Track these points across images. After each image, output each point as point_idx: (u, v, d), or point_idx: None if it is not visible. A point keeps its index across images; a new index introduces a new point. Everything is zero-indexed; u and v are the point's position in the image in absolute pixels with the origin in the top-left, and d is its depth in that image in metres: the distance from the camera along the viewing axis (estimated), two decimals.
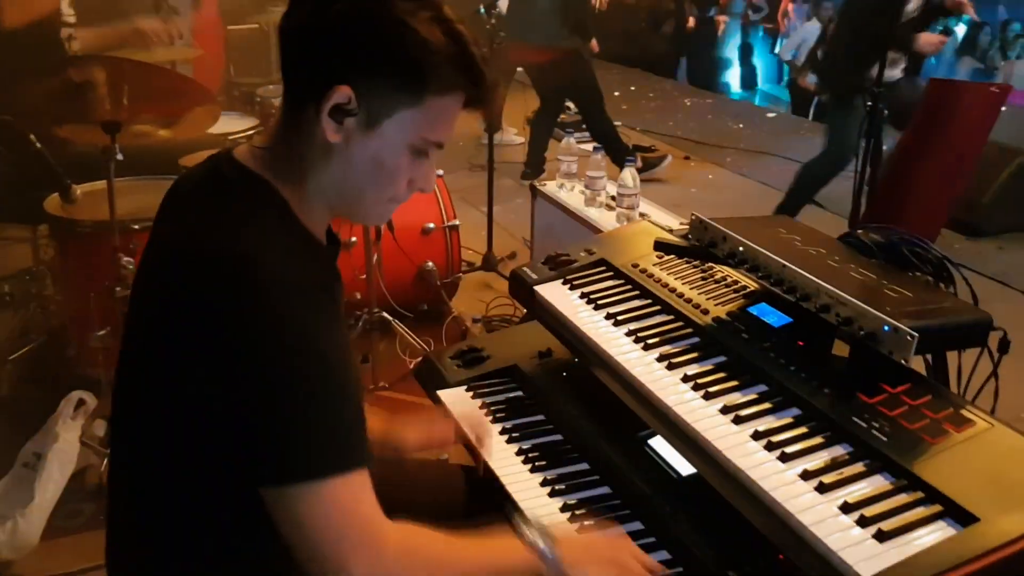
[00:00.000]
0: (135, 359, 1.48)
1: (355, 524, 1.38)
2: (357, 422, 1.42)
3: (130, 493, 1.52)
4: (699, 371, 1.85)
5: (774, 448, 1.61)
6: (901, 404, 1.62)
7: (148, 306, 1.46)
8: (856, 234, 2.01)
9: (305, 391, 1.32)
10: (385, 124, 1.40)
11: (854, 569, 1.35)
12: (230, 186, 1.43)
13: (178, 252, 1.40)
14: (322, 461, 1.34)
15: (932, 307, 1.71)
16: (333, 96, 1.36)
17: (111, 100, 2.88)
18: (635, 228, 2.55)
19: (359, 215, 1.54)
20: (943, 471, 1.48)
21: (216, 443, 1.36)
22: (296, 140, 1.43)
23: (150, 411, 1.44)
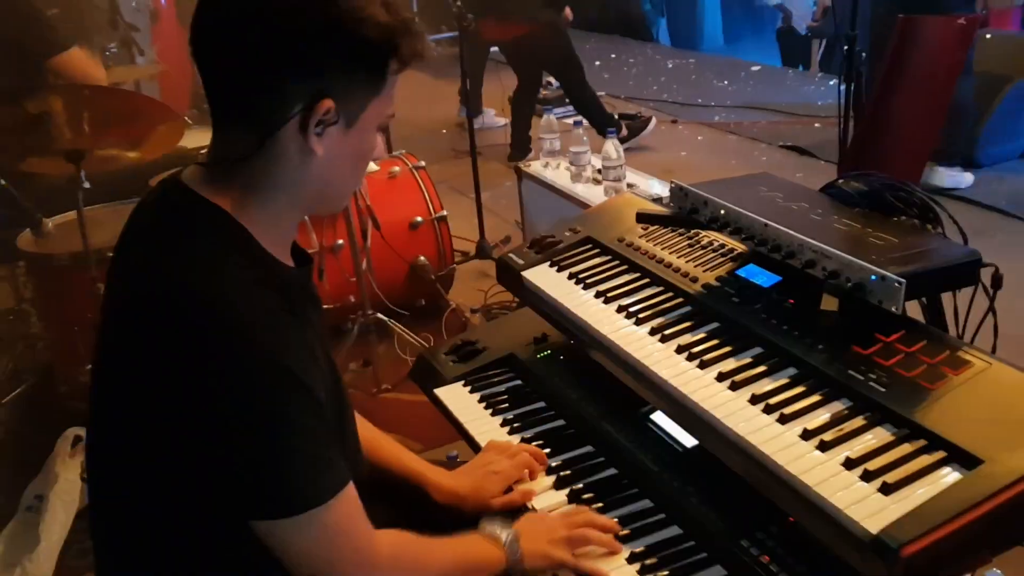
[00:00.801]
0: (108, 397, 1.48)
1: (349, 543, 1.44)
2: (338, 441, 1.45)
3: (113, 529, 1.54)
4: (692, 340, 1.87)
5: (772, 410, 1.62)
6: (896, 352, 1.64)
7: (113, 348, 1.45)
8: (838, 184, 2.02)
9: (285, 422, 1.35)
10: (361, 118, 1.44)
11: (861, 525, 1.37)
12: (184, 219, 1.43)
13: (138, 295, 1.40)
14: (312, 490, 1.37)
15: (918, 251, 1.72)
16: (316, 115, 1.38)
17: (71, 128, 2.90)
18: (619, 202, 2.57)
19: (334, 206, 1.60)
20: (944, 416, 1.50)
21: (199, 484, 1.37)
22: (263, 163, 1.42)
23: (126, 450, 1.44)
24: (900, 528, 1.34)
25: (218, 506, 1.38)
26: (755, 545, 1.65)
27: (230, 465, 1.34)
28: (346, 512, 1.43)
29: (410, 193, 4.38)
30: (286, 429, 1.35)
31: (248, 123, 1.41)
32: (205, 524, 1.42)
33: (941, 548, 1.32)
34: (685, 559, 1.68)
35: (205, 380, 1.31)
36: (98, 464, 1.54)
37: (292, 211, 1.50)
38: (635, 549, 1.71)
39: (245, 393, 1.32)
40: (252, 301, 1.35)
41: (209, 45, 1.41)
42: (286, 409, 1.35)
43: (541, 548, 1.70)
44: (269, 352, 1.33)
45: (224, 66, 1.40)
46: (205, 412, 1.32)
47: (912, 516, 1.36)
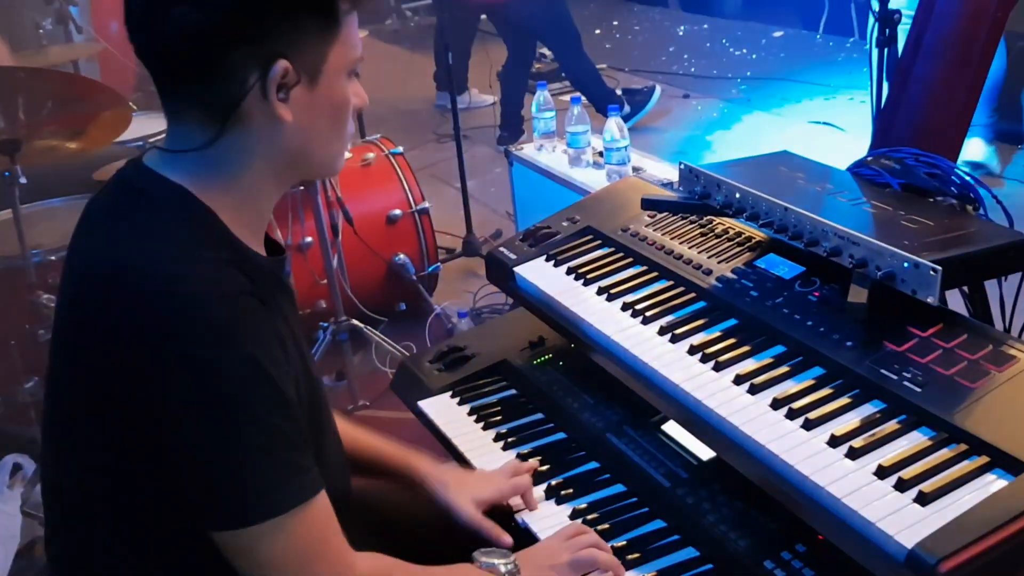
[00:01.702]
0: (60, 403, 1.53)
1: (320, 561, 1.46)
2: (307, 443, 1.47)
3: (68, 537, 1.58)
4: (706, 340, 1.91)
5: (796, 415, 1.67)
6: (934, 348, 1.68)
7: (68, 340, 1.50)
8: (867, 163, 2.06)
9: (245, 417, 1.37)
10: (324, 71, 1.47)
11: (895, 539, 1.41)
12: (144, 200, 1.48)
13: (93, 278, 1.45)
14: (276, 496, 1.40)
15: (957, 235, 1.76)
16: (275, 79, 1.42)
17: (4, 116, 2.94)
18: (622, 187, 2.61)
19: (326, 169, 1.63)
20: (987, 417, 1.54)
21: (154, 487, 1.42)
22: (228, 144, 1.46)
23: (77, 459, 1.49)
24: (938, 541, 1.38)
25: (174, 513, 1.42)
26: (780, 567, 1.69)
27: (182, 466, 1.38)
28: (316, 525, 1.45)
29: (387, 183, 4.41)
30: (246, 425, 1.37)
31: (203, 109, 1.45)
32: (164, 533, 1.46)
33: (983, 562, 1.36)
34: None
35: (156, 366, 1.35)
36: (52, 473, 1.59)
37: (268, 188, 1.54)
38: (647, 575, 1.75)
39: (200, 382, 1.35)
40: (212, 280, 1.39)
41: (141, 31, 1.45)
42: (247, 402, 1.37)
43: (545, 569, 1.72)
44: (229, 337, 1.36)
45: (161, 53, 1.45)
46: (155, 404, 1.36)
47: (951, 528, 1.40)
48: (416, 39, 8.30)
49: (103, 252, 1.46)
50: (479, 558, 1.73)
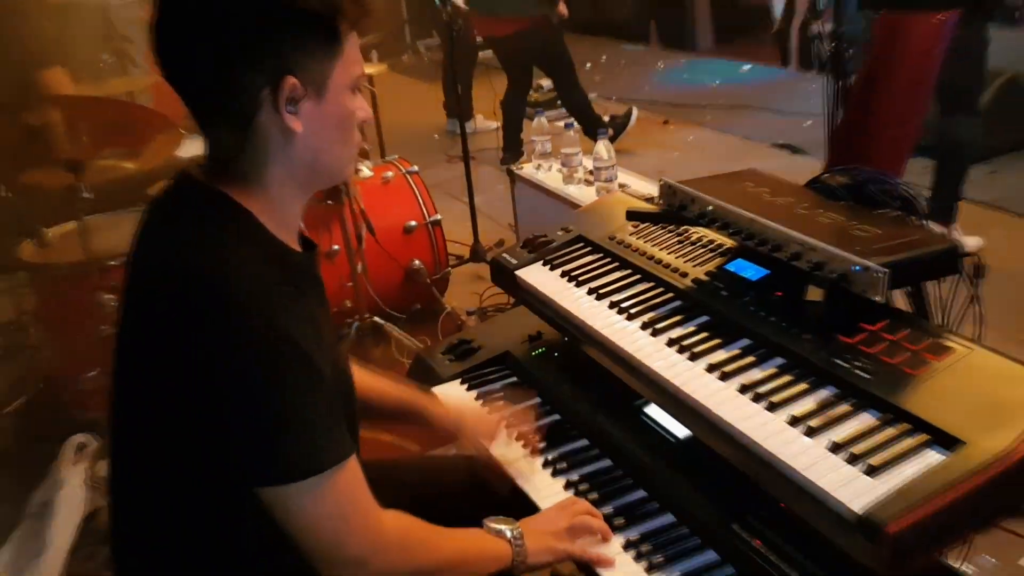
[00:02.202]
0: (126, 380, 1.55)
1: (354, 511, 1.49)
2: (340, 414, 1.50)
3: (130, 502, 1.60)
4: (683, 333, 1.92)
5: (761, 399, 1.67)
6: (881, 341, 1.68)
7: (130, 326, 1.53)
8: (822, 179, 2.07)
9: (289, 388, 1.39)
10: (329, 85, 1.48)
11: (847, 505, 1.42)
12: (191, 205, 1.51)
13: (149, 274, 1.49)
14: (318, 455, 1.42)
15: (901, 242, 1.77)
16: (283, 94, 1.44)
17: (71, 139, 2.95)
18: (609, 200, 2.62)
19: (337, 175, 1.63)
20: (927, 401, 1.55)
21: (205, 453, 1.43)
22: (249, 151, 1.49)
23: (141, 428, 1.52)
24: (885, 507, 1.39)
25: (223, 474, 1.43)
26: (746, 529, 1.69)
27: (230, 430, 1.40)
28: (350, 484, 1.48)
29: (404, 197, 4.43)
30: (285, 394, 1.39)
31: (225, 121, 1.48)
32: (214, 494, 1.47)
33: (925, 525, 1.36)
34: (679, 545, 1.74)
35: (207, 347, 1.37)
36: (118, 443, 1.60)
37: (292, 192, 1.55)
38: (631, 537, 1.76)
39: (245, 358, 1.37)
40: (254, 274, 1.42)
41: (168, 60, 1.47)
42: (285, 374, 1.39)
43: (545, 542, 1.73)
44: (269, 320, 1.38)
45: (184, 76, 1.47)
46: (206, 378, 1.38)
47: (897, 496, 1.40)
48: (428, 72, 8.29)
49: (163, 251, 1.48)
50: (488, 525, 1.74)
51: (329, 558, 1.49)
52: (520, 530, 1.73)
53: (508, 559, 1.69)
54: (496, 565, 1.69)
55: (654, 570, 1.68)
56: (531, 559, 1.72)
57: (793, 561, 1.60)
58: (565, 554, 1.74)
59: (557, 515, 1.79)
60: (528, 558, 1.71)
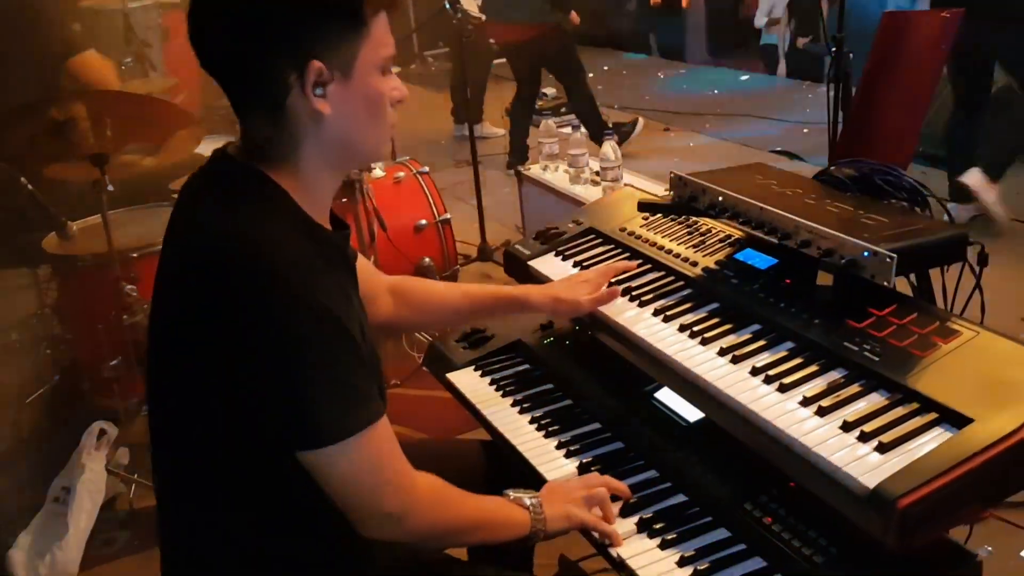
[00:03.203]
0: (164, 355, 1.56)
1: (388, 469, 1.51)
2: (373, 376, 1.51)
3: (173, 477, 1.60)
4: (694, 319, 1.91)
5: (772, 381, 1.67)
6: (889, 324, 1.68)
7: (168, 299, 1.54)
8: (830, 171, 2.06)
9: (324, 353, 1.40)
10: (355, 67, 1.47)
11: (859, 481, 1.41)
12: (229, 180, 1.51)
13: (184, 247, 1.50)
14: (353, 417, 1.43)
15: (908, 229, 1.76)
16: (310, 78, 1.43)
17: (95, 133, 2.94)
18: (619, 195, 2.61)
19: (370, 155, 1.63)
20: (935, 381, 1.54)
21: (247, 418, 1.43)
22: (281, 132, 1.49)
23: (181, 400, 1.52)
24: (896, 482, 1.38)
25: (262, 441, 1.44)
26: (758, 508, 1.69)
27: (266, 396, 1.41)
28: (383, 443, 1.49)
29: (415, 197, 4.42)
30: (318, 358, 1.40)
31: (257, 106, 1.49)
32: (256, 462, 1.48)
33: (935, 500, 1.36)
34: (691, 523, 1.72)
35: (241, 314, 1.38)
36: (158, 418, 1.61)
37: (325, 172, 1.55)
38: (644, 515, 1.75)
39: (277, 324, 1.38)
40: (287, 244, 1.42)
41: (199, 47, 1.47)
42: (318, 339, 1.40)
43: (563, 509, 1.73)
44: (303, 289, 1.39)
45: (215, 62, 1.48)
46: (242, 345, 1.39)
47: (907, 471, 1.40)
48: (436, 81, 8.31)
49: (198, 224, 1.49)
50: (509, 494, 1.75)
51: (367, 515, 1.52)
52: (539, 499, 1.73)
53: (527, 526, 1.70)
54: (517, 531, 1.70)
55: (668, 546, 1.67)
56: (549, 526, 1.72)
57: (804, 537, 1.60)
58: (580, 522, 1.73)
59: (576, 484, 1.79)
60: (547, 525, 1.72)
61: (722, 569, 1.61)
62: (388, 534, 1.56)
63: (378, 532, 1.55)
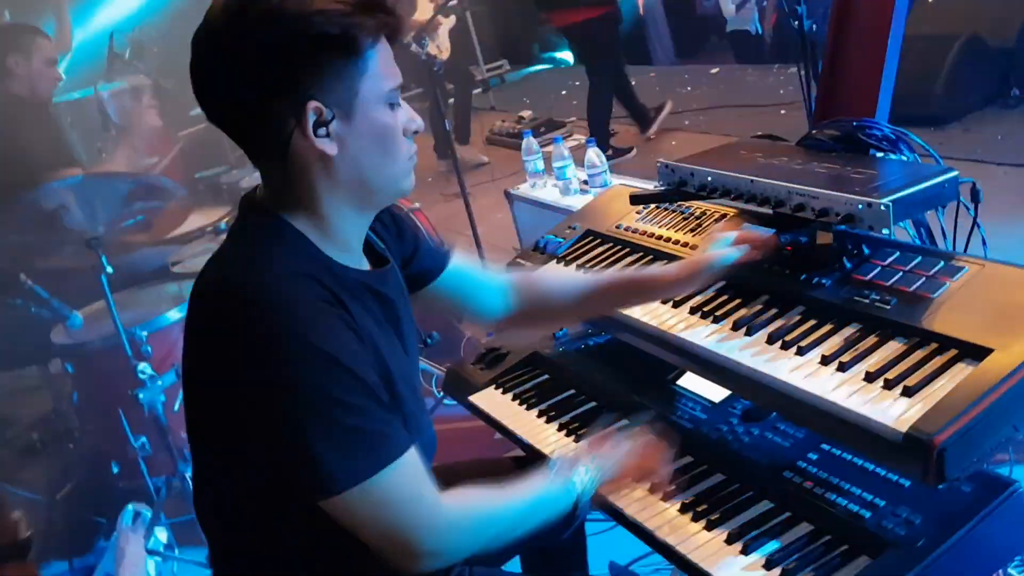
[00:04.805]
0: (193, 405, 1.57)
1: (414, 507, 1.46)
2: (392, 412, 1.46)
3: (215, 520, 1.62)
4: (703, 300, 1.93)
5: (789, 346, 1.68)
6: (894, 272, 1.69)
7: (188, 352, 1.54)
8: (812, 135, 2.08)
9: (320, 399, 1.37)
10: (358, 104, 1.45)
11: (892, 428, 1.42)
12: (249, 228, 1.54)
13: (200, 297, 1.51)
14: (363, 461, 1.39)
15: (899, 177, 1.78)
16: (309, 119, 1.42)
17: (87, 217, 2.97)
18: (611, 193, 2.63)
19: (394, 190, 1.57)
20: (949, 318, 1.56)
21: (269, 468, 1.43)
22: (294, 177, 1.48)
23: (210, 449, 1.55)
24: (927, 423, 1.39)
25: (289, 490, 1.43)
26: (798, 474, 1.70)
27: (274, 447, 1.40)
28: (405, 479, 1.43)
29: None
30: (316, 405, 1.37)
31: (266, 152, 1.49)
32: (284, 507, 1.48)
33: (968, 433, 1.37)
34: (733, 500, 1.73)
35: (243, 364, 1.39)
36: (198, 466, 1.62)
37: (348, 212, 1.52)
38: (685, 500, 1.76)
39: (272, 372, 1.36)
40: (287, 291, 1.41)
41: (206, 104, 1.48)
42: (313, 385, 1.37)
43: (610, 472, 1.73)
44: (303, 335, 1.37)
45: (221, 115, 1.48)
46: (246, 396, 1.39)
47: (936, 410, 1.41)
48: None
49: (212, 274, 1.51)
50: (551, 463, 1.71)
51: (403, 556, 1.47)
52: (585, 465, 1.70)
53: (572, 501, 1.66)
54: (562, 508, 1.66)
55: (714, 526, 1.67)
56: (593, 497, 1.70)
57: (848, 494, 1.61)
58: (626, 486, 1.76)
59: (625, 448, 1.77)
60: (593, 490, 1.69)
61: (771, 539, 1.61)
62: (429, 567, 1.50)
63: (414, 569, 1.49)
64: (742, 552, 1.60)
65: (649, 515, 1.75)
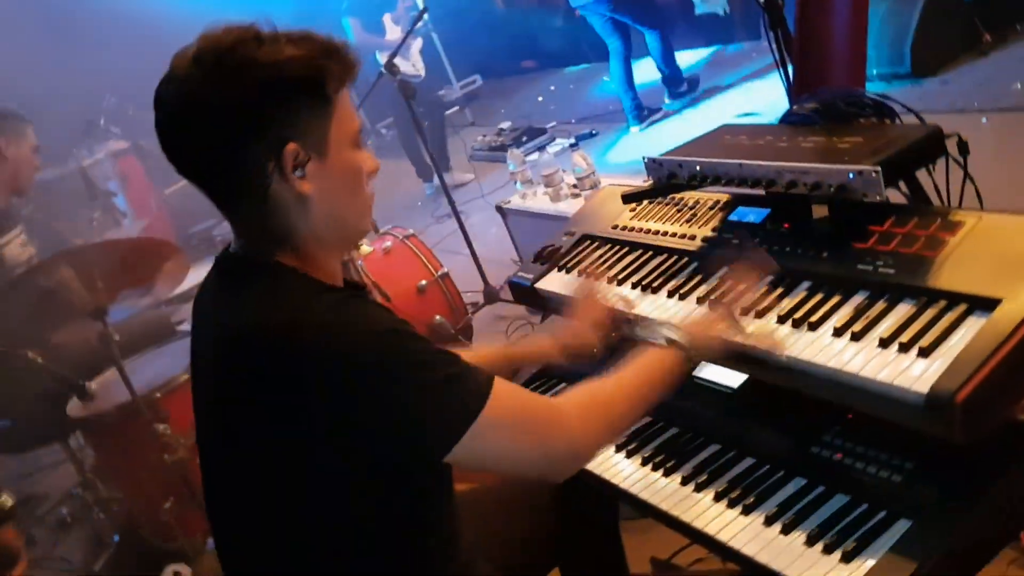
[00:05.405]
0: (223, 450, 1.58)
1: (531, 415, 1.55)
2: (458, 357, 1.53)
3: None
4: (708, 290, 1.94)
5: (800, 323, 1.68)
6: (894, 236, 1.69)
7: (220, 412, 1.55)
8: (794, 111, 2.09)
9: (408, 364, 1.44)
10: (329, 144, 1.51)
11: (912, 391, 1.43)
12: (244, 276, 1.55)
13: (235, 344, 1.49)
14: (469, 396, 1.46)
15: (885, 141, 1.79)
16: (288, 161, 1.47)
17: (87, 289, 2.98)
18: (602, 195, 2.64)
19: (357, 228, 1.65)
20: (954, 274, 1.56)
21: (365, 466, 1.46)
22: (275, 220, 1.52)
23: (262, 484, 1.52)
24: (947, 380, 1.40)
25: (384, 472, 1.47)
26: (825, 448, 1.71)
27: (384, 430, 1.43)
28: (511, 398, 1.53)
29: (408, 261, 4.44)
30: (408, 371, 1.43)
31: (242, 199, 1.52)
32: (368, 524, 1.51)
33: (990, 385, 1.37)
34: (765, 482, 1.74)
35: (316, 383, 1.40)
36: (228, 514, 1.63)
37: (325, 250, 1.58)
38: (718, 489, 1.76)
39: (353, 367, 1.41)
40: (315, 303, 1.46)
41: (173, 154, 1.51)
42: (395, 357, 1.43)
43: (709, 328, 1.77)
44: (349, 326, 1.44)
45: (192, 166, 1.52)
46: (335, 407, 1.41)
47: (954, 367, 1.41)
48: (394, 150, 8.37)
49: (236, 321, 1.50)
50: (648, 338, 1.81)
51: (547, 466, 1.57)
52: (679, 328, 1.79)
53: (680, 359, 1.74)
54: (676, 373, 1.74)
55: (750, 511, 1.68)
56: (702, 351, 1.77)
57: (878, 461, 1.61)
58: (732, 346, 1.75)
59: (716, 315, 1.81)
60: (696, 347, 1.76)
61: (809, 515, 1.62)
62: (577, 466, 1.61)
63: (569, 470, 1.60)
64: (782, 532, 1.60)
65: (684, 508, 1.76)
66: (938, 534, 1.45)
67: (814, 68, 2.22)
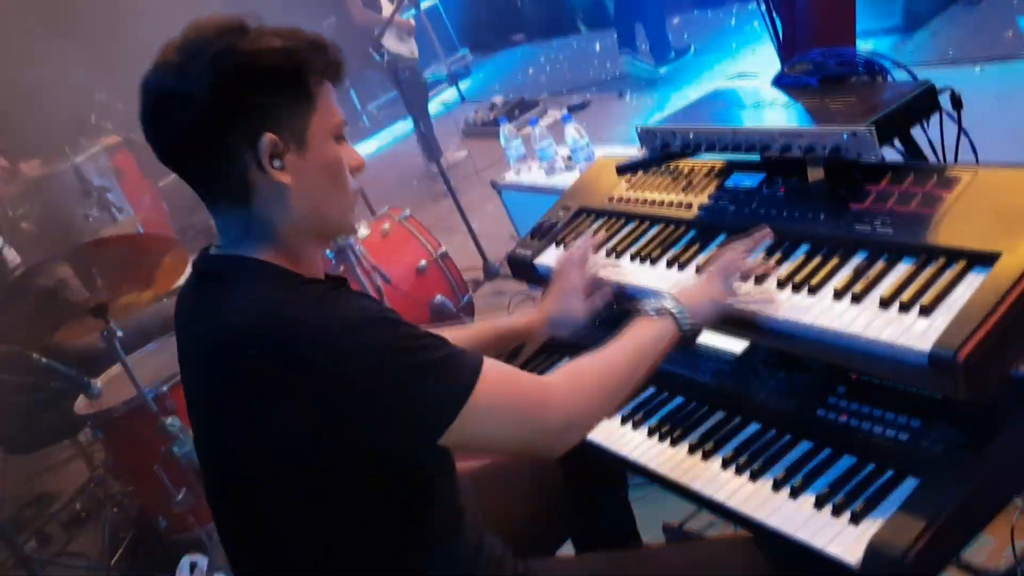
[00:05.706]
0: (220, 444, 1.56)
1: (524, 397, 1.54)
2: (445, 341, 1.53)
3: None
4: (706, 258, 1.93)
5: (801, 287, 1.69)
6: (890, 195, 1.69)
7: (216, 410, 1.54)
8: (785, 73, 2.08)
9: (401, 351, 1.43)
10: (309, 136, 1.51)
11: (915, 350, 1.43)
12: (225, 276, 1.53)
13: (222, 343, 1.47)
14: (461, 375, 1.47)
15: (877, 100, 1.78)
16: (265, 151, 1.46)
17: (87, 287, 2.98)
18: (597, 167, 2.62)
19: (341, 222, 1.63)
20: (952, 230, 1.56)
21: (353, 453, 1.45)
22: (252, 213, 1.51)
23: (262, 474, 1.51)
24: (949, 337, 1.40)
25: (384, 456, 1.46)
26: (831, 410, 1.71)
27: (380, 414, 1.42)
28: (500, 378, 1.52)
29: (406, 242, 4.44)
30: (404, 354, 1.43)
31: (223, 190, 1.52)
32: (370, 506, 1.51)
33: (992, 341, 1.38)
34: (772, 447, 1.74)
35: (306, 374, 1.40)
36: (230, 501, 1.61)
37: (306, 243, 1.57)
38: (725, 456, 1.77)
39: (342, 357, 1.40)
40: (298, 297, 1.46)
41: (160, 146, 1.51)
42: (395, 340, 1.43)
43: (702, 293, 1.76)
44: (349, 316, 1.43)
45: (171, 152, 1.52)
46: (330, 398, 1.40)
47: (956, 324, 1.42)
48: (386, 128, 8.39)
49: (222, 323, 1.47)
50: (641, 308, 1.76)
51: (543, 443, 1.57)
52: (673, 296, 1.76)
53: (676, 332, 1.72)
54: (669, 343, 1.72)
55: (757, 476, 1.69)
56: (699, 318, 1.74)
57: (884, 421, 1.62)
58: (724, 302, 1.76)
59: (707, 279, 1.80)
60: (692, 317, 1.73)
61: (817, 478, 1.62)
62: (572, 441, 1.59)
63: (563, 446, 1.58)
64: (791, 496, 1.61)
65: (693, 476, 1.77)
66: (946, 489, 1.45)
67: (804, 28, 2.21)
